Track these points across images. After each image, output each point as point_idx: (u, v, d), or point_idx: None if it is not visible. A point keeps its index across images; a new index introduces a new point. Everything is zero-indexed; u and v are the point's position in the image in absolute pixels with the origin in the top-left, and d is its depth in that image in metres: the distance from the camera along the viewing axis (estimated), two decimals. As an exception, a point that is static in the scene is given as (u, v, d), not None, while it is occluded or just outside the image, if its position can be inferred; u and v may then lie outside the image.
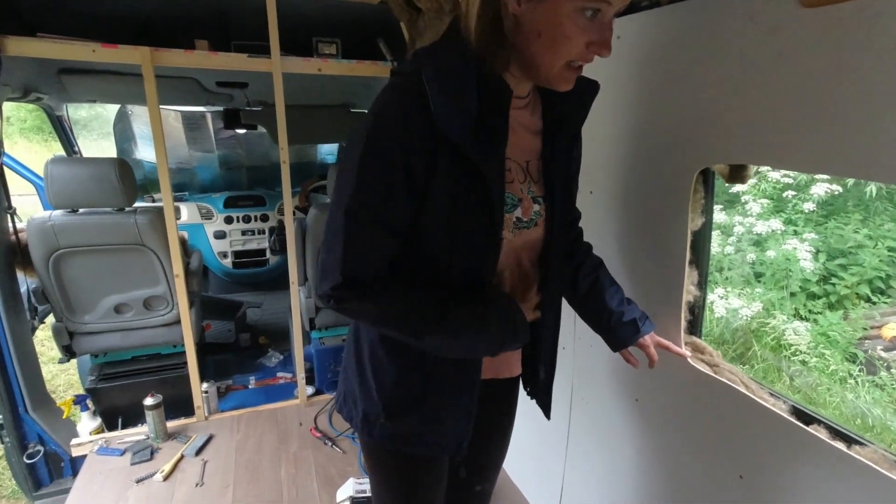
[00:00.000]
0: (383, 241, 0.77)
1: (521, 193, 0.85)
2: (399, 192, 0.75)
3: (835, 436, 0.81)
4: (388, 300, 0.79)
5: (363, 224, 0.75)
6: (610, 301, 1.03)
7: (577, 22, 0.69)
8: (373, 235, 0.76)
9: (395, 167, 0.73)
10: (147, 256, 2.10)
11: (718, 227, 4.44)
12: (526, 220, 0.86)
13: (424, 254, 0.81)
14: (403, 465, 0.98)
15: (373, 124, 0.74)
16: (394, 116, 0.73)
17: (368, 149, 0.73)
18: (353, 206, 0.75)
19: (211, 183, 3.85)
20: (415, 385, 0.88)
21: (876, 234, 3.99)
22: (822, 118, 0.75)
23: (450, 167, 0.75)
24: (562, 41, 0.70)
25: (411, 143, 0.73)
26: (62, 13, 1.97)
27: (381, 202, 0.75)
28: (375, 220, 0.75)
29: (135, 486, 1.79)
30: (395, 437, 0.92)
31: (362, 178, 0.74)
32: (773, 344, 3.83)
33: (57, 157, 1.98)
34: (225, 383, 2.63)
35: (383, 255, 0.78)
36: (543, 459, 1.69)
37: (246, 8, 1.98)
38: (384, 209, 0.75)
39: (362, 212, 0.75)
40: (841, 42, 0.70)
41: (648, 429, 1.22)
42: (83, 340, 2.17)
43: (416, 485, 1.02)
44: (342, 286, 0.76)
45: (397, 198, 0.75)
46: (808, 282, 3.99)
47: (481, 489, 1.15)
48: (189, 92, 2.70)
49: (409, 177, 0.74)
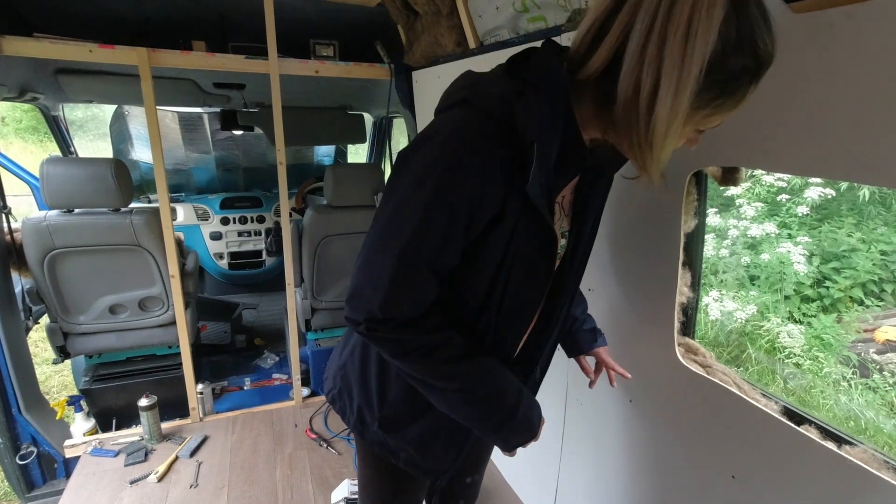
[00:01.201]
0: (430, 284, 0.74)
1: (556, 233, 0.84)
2: (459, 238, 0.72)
3: (826, 436, 0.82)
4: (418, 336, 0.75)
5: (415, 270, 0.72)
6: (574, 309, 1.09)
7: (688, 136, 0.69)
8: (421, 279, 0.73)
9: (463, 216, 0.70)
10: (143, 257, 2.09)
11: (713, 230, 4.46)
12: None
13: (464, 289, 0.79)
14: (388, 471, 1.00)
15: (449, 170, 0.68)
16: (476, 171, 0.68)
17: (438, 198, 0.68)
18: (410, 252, 0.70)
19: (207, 184, 3.85)
20: (417, 408, 0.88)
21: (869, 238, 4.02)
22: (813, 122, 0.76)
23: (517, 213, 0.73)
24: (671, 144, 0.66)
25: (487, 192, 0.69)
26: (60, 13, 1.97)
27: (438, 251, 0.72)
28: (429, 267, 0.72)
29: (129, 487, 1.79)
30: (383, 444, 0.93)
31: (427, 226, 0.69)
32: (768, 347, 3.85)
33: (53, 157, 1.97)
34: (220, 384, 2.63)
35: (427, 296, 0.75)
36: (538, 460, 1.70)
37: (244, 10, 1.99)
38: (439, 257, 0.72)
39: (417, 258, 0.71)
40: (831, 47, 0.72)
41: (642, 429, 1.22)
42: (78, 341, 2.16)
43: (396, 492, 1.04)
44: (379, 321, 0.73)
45: (456, 246, 0.73)
46: (802, 285, 4.01)
47: (471, 481, 1.17)
48: (186, 93, 2.70)
49: (474, 222, 0.71)
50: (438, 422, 0.88)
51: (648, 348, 1.16)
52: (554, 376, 1.54)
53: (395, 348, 0.77)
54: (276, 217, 3.62)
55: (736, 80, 0.60)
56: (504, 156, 0.68)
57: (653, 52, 0.57)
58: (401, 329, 0.74)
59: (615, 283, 1.25)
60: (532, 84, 0.68)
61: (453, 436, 0.91)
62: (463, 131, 0.69)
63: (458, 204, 0.68)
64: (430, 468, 0.95)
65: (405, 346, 0.76)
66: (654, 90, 0.58)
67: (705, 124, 0.67)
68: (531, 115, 0.67)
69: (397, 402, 0.89)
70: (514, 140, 0.68)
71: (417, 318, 0.75)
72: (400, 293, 0.72)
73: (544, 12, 1.37)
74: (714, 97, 0.61)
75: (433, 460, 0.94)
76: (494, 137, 0.68)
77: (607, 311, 1.26)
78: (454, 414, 0.82)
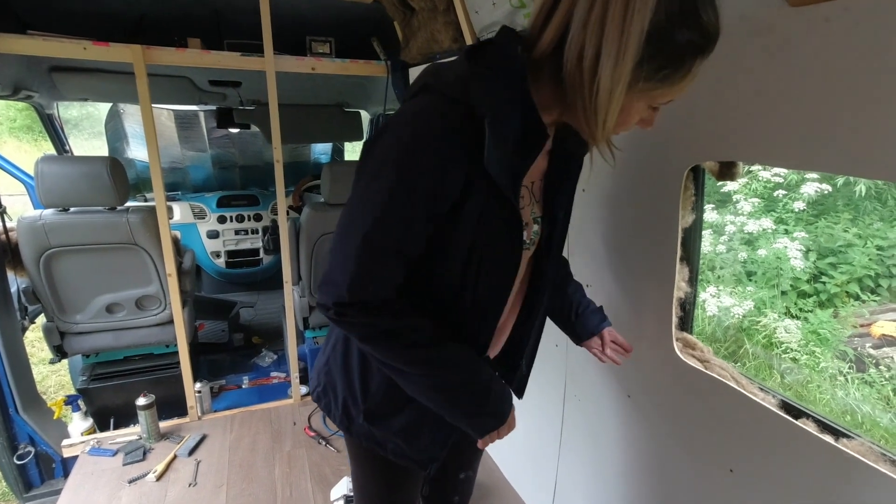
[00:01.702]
0: (396, 267, 0.75)
1: (527, 217, 0.85)
2: (422, 222, 0.73)
3: (823, 429, 0.82)
4: (388, 320, 0.76)
5: (380, 252, 0.73)
6: (574, 294, 1.10)
7: (641, 112, 0.72)
8: (387, 263, 0.74)
9: (426, 201, 0.71)
10: (139, 256, 2.08)
11: (710, 225, 4.48)
12: (528, 242, 0.87)
13: (438, 276, 0.80)
14: (378, 464, 1.00)
15: (409, 152, 0.70)
16: (434, 151, 0.69)
17: (401, 180, 0.70)
18: (375, 235, 0.72)
19: (204, 182, 3.84)
20: (400, 398, 0.88)
21: (865, 233, 4.03)
22: (810, 115, 0.76)
23: (480, 194, 0.74)
24: (624, 125, 0.72)
25: (448, 177, 0.71)
26: (54, 10, 1.95)
27: (403, 234, 0.73)
28: (394, 249, 0.74)
29: (127, 486, 1.79)
30: (370, 437, 0.93)
31: (390, 210, 0.71)
32: (765, 342, 3.87)
33: (47, 155, 1.96)
34: (218, 383, 2.62)
35: (394, 280, 0.76)
36: (537, 456, 1.70)
37: (239, 6, 1.98)
38: (405, 239, 0.74)
39: (382, 241, 0.73)
40: (827, 40, 0.72)
41: (640, 424, 1.23)
42: (74, 340, 2.15)
43: (391, 486, 1.04)
44: (347, 304, 0.75)
45: (420, 229, 0.74)
46: (799, 280, 4.03)
47: (465, 476, 1.17)
48: (182, 91, 2.69)
49: (437, 206, 0.72)
50: (423, 410, 0.88)
51: (646, 343, 1.16)
52: (552, 372, 1.55)
53: (365, 332, 0.77)
54: (273, 215, 3.61)
55: (681, 53, 0.64)
56: (464, 137, 0.69)
57: (595, 21, 0.61)
58: (369, 313, 0.75)
59: (613, 279, 1.25)
60: (488, 65, 0.71)
61: (439, 424, 0.90)
62: (422, 115, 0.71)
63: (419, 186, 0.70)
64: (419, 457, 0.95)
65: (374, 329, 0.76)
66: (596, 56, 0.62)
67: (656, 99, 0.69)
68: (485, 91, 0.69)
69: (380, 393, 0.89)
70: (474, 121, 0.69)
71: (386, 302, 0.76)
72: (366, 275, 0.73)
73: (541, 8, 1.36)
74: (660, 68, 0.64)
75: (421, 449, 0.93)
76: (453, 120, 0.70)
77: (605, 306, 1.25)
78: (424, 399, 0.83)
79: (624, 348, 1.10)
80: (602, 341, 1.10)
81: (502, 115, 0.70)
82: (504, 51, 0.71)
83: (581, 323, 1.10)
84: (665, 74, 0.65)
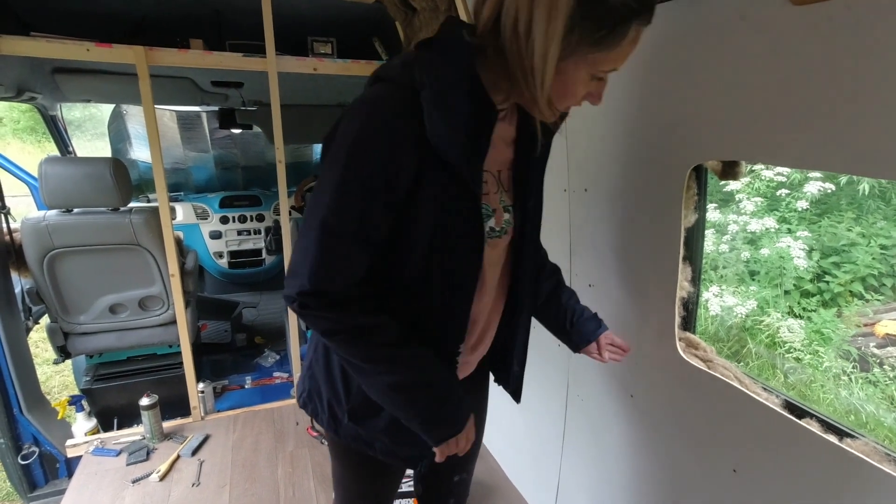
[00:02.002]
0: (357, 256, 0.76)
1: (495, 204, 0.86)
2: (378, 208, 0.74)
3: (826, 429, 0.82)
4: (351, 316, 0.77)
5: (339, 238, 0.74)
6: (568, 301, 1.10)
7: (586, 83, 0.73)
8: (348, 250, 0.75)
9: (377, 187, 0.73)
10: (142, 256, 2.09)
11: (713, 225, 4.46)
12: (498, 230, 0.87)
13: (402, 268, 0.80)
14: (365, 464, 1.00)
15: (357, 139, 0.72)
16: (381, 135, 0.71)
17: (351, 167, 0.72)
18: (331, 221, 0.74)
19: (206, 183, 3.85)
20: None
21: (869, 233, 4.01)
22: (813, 114, 0.76)
23: (436, 179, 0.75)
24: (569, 97, 0.74)
25: (397, 163, 0.72)
26: (56, 12, 1.96)
27: (359, 220, 0.74)
28: (352, 235, 0.75)
29: (131, 486, 1.79)
30: (358, 437, 0.93)
31: (342, 196, 0.73)
32: (768, 341, 3.85)
33: (51, 156, 1.97)
34: (221, 383, 2.63)
35: (355, 269, 0.77)
36: (539, 456, 1.70)
37: (241, 7, 1.98)
38: (361, 226, 0.75)
39: (339, 227, 0.74)
40: (830, 39, 0.71)
41: (643, 424, 1.22)
42: (78, 341, 2.16)
43: (374, 482, 1.05)
44: (309, 293, 0.75)
45: (376, 215, 0.75)
46: (802, 280, 4.02)
47: (459, 479, 1.17)
48: (184, 91, 2.69)
49: (390, 193, 0.74)
50: None
51: (649, 343, 1.16)
52: (554, 372, 1.55)
53: (327, 326, 0.78)
54: (276, 215, 3.62)
55: (615, 15, 0.65)
56: (413, 121, 0.71)
57: None
58: (332, 306, 0.76)
59: (616, 279, 1.25)
60: (432, 49, 0.75)
61: None
62: (371, 103, 0.74)
63: (370, 174, 0.72)
64: (407, 455, 0.94)
65: (337, 324, 0.77)
66: (528, 20, 0.65)
67: (597, 66, 0.70)
68: (426, 69, 0.72)
69: (362, 393, 0.89)
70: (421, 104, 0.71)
71: (349, 296, 0.76)
72: (326, 264, 0.75)
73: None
74: (594, 29, 0.65)
75: (408, 446, 0.93)
76: (401, 105, 0.71)
77: (608, 306, 1.26)
78: (383, 400, 0.84)
79: (622, 349, 1.10)
80: (599, 346, 1.10)
81: (444, 89, 0.71)
82: (448, 35, 0.75)
83: (577, 331, 1.10)
84: (600, 37, 0.66)
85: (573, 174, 1.35)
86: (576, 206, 1.37)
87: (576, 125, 1.30)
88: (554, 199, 1.43)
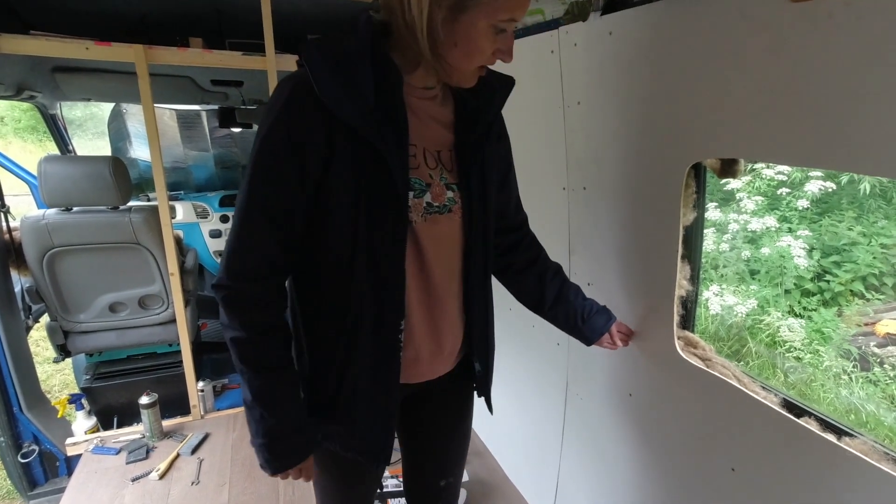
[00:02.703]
0: (270, 238, 0.79)
1: (429, 179, 0.85)
2: (291, 185, 0.76)
3: (825, 428, 0.82)
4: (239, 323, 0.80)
5: (252, 217, 0.78)
6: (576, 298, 1.11)
7: (489, 36, 0.74)
8: (260, 230, 0.78)
9: (288, 163, 0.75)
10: (142, 255, 2.09)
11: (714, 224, 4.46)
12: (438, 206, 0.86)
13: (328, 251, 0.82)
14: (332, 461, 0.98)
15: (265, 124, 0.76)
16: (286, 115, 0.74)
17: (262, 150, 0.76)
18: (248, 201, 0.77)
19: (206, 182, 3.84)
20: (330, 383, 0.88)
21: (870, 232, 4.01)
22: (812, 112, 0.75)
23: (348, 151, 0.76)
24: (475, 52, 0.76)
25: (305, 138, 0.74)
26: (56, 11, 1.96)
27: (272, 197, 0.77)
28: (264, 214, 0.77)
29: (130, 484, 1.79)
30: (325, 434, 0.92)
31: (258, 178, 0.77)
32: (768, 341, 3.85)
33: (50, 155, 1.97)
34: (221, 382, 2.62)
35: (267, 253, 0.80)
36: (538, 454, 1.70)
37: (240, 5, 1.97)
38: (275, 203, 0.77)
39: (254, 206, 0.77)
40: (829, 36, 0.71)
41: (642, 423, 1.22)
42: (78, 339, 2.16)
43: (345, 480, 1.03)
44: (225, 275, 0.79)
45: (289, 193, 0.77)
46: (803, 279, 4.01)
47: (446, 483, 1.15)
48: (184, 90, 2.69)
49: (302, 169, 0.76)
50: (354, 396, 0.88)
51: (648, 342, 1.16)
52: (553, 371, 1.55)
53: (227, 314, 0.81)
54: (276, 215, 3.61)
55: None
56: (317, 99, 0.73)
57: None
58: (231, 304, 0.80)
59: (614, 277, 1.25)
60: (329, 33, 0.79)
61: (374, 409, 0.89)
62: (279, 85, 0.77)
63: (279, 149, 0.75)
64: (369, 448, 0.92)
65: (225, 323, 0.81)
66: None
67: (495, 15, 0.72)
68: (317, 44, 0.75)
69: (314, 380, 0.90)
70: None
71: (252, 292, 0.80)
72: (242, 243, 0.79)
73: (542, 5, 1.36)
74: None
75: (369, 439, 0.91)
76: (302, 82, 0.74)
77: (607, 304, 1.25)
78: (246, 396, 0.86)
79: (627, 335, 1.17)
80: (612, 335, 1.14)
81: (334, 55, 0.74)
82: (353, 18, 0.79)
83: (590, 326, 1.10)
84: None
85: (572, 173, 1.35)
86: (574, 205, 1.37)
87: (574, 124, 1.30)
88: (553, 197, 1.43)
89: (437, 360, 0.96)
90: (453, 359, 0.99)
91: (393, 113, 0.78)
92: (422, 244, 0.85)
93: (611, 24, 1.11)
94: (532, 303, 1.13)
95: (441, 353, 0.95)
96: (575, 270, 1.40)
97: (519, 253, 1.11)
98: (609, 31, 1.12)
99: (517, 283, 1.12)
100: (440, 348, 0.95)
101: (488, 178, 0.92)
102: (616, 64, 1.13)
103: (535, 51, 1.37)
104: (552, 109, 1.35)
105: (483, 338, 1.01)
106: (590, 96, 1.22)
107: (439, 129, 0.88)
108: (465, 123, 0.89)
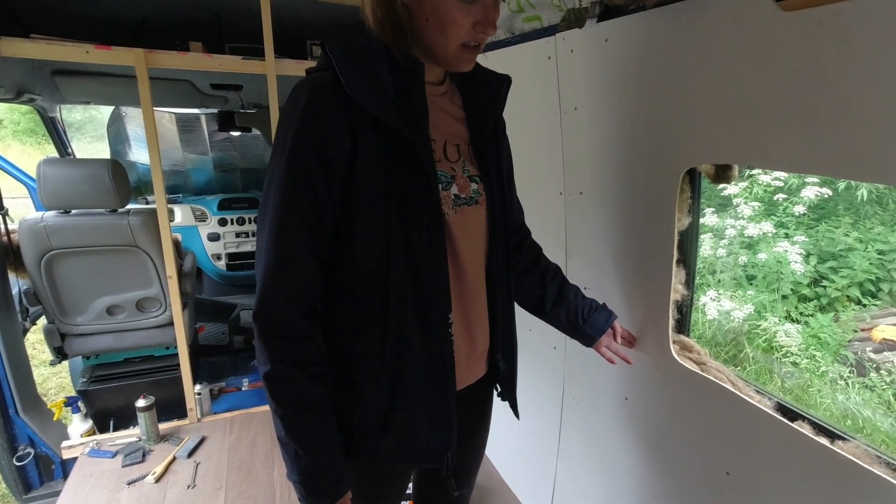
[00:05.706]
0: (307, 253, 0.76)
1: (453, 171, 0.85)
2: (323, 190, 0.75)
3: (819, 432, 0.83)
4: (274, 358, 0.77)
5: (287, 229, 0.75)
6: (575, 298, 1.11)
7: (460, 7, 0.73)
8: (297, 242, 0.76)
9: (317, 167, 0.74)
10: (140, 258, 2.09)
11: (710, 229, 4.47)
12: (465, 197, 0.86)
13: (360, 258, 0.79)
14: (375, 473, 0.96)
15: (285, 126, 0.75)
16: (304, 113, 0.73)
17: (288, 153, 0.74)
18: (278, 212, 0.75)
19: (205, 185, 3.85)
20: (380, 398, 0.84)
21: (866, 238, 4.02)
22: (804, 118, 0.76)
23: (373, 145, 0.75)
24: (449, 25, 0.74)
25: (330, 139, 0.73)
26: (56, 14, 1.97)
27: (309, 205, 0.75)
28: (301, 224, 0.75)
29: (126, 488, 1.78)
30: (373, 454, 0.88)
31: (286, 185, 0.74)
32: (765, 346, 3.86)
33: (49, 157, 1.97)
34: (218, 385, 2.62)
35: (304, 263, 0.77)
36: (535, 458, 1.70)
37: (240, 10, 1.99)
38: (310, 211, 0.75)
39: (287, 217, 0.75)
40: (820, 44, 0.72)
41: (637, 426, 1.23)
42: (75, 342, 2.15)
43: (379, 494, 1.01)
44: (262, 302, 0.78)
45: (320, 197, 0.75)
46: (800, 284, 4.02)
47: (460, 494, 1.14)
48: (183, 94, 2.70)
49: (330, 172, 0.74)
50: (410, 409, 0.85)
51: (643, 346, 1.17)
52: (550, 375, 1.55)
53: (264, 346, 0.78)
54: (274, 218, 3.61)
55: None
56: (338, 98, 0.73)
57: None
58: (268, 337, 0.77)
59: (611, 281, 1.26)
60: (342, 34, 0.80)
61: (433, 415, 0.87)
62: (294, 95, 0.76)
63: (305, 155, 0.73)
64: (428, 454, 0.89)
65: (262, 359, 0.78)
66: None
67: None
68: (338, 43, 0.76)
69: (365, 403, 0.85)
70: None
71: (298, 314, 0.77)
72: (280, 258, 0.75)
73: (539, 12, 1.38)
74: None
75: (424, 446, 0.88)
76: (322, 85, 0.74)
77: (603, 309, 1.26)
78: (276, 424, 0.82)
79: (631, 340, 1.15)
80: (614, 331, 1.13)
81: (354, 50, 0.75)
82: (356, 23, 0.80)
83: (591, 325, 1.10)
84: None
85: (568, 177, 1.36)
86: (571, 209, 1.38)
87: (571, 129, 1.31)
88: (549, 202, 1.44)
89: (472, 360, 0.94)
90: (484, 359, 0.98)
91: (413, 103, 0.78)
92: (454, 235, 0.84)
93: (607, 31, 1.13)
94: (534, 303, 1.12)
95: (475, 352, 0.94)
96: (571, 274, 1.41)
97: (522, 254, 1.12)
98: (605, 37, 1.13)
99: (521, 284, 1.12)
100: (474, 347, 0.93)
101: (503, 173, 0.94)
102: (612, 70, 1.14)
103: (533, 57, 1.38)
104: (549, 115, 1.36)
105: (508, 335, 1.00)
106: (586, 102, 1.24)
107: (455, 123, 0.89)
108: (475, 119, 0.90)
